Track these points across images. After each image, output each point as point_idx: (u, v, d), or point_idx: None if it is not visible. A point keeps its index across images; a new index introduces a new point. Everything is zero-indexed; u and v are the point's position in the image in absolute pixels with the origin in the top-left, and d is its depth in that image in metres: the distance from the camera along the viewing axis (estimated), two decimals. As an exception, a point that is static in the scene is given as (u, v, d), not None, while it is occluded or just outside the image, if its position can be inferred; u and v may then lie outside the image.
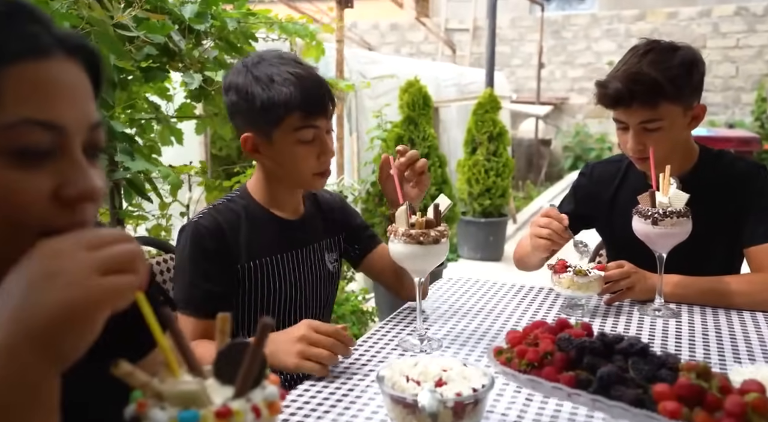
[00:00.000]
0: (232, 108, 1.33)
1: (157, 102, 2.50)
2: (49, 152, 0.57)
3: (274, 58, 1.32)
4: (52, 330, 0.51)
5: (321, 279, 1.47)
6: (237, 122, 1.35)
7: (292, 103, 1.26)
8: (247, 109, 1.29)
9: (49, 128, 0.57)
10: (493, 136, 5.14)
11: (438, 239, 1.24)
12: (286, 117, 1.27)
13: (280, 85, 1.27)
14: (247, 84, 1.28)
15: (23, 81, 0.56)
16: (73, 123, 0.59)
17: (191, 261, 1.28)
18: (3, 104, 0.55)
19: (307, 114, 1.29)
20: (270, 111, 1.27)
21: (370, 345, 1.33)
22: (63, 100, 0.59)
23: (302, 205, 1.46)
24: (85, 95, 0.62)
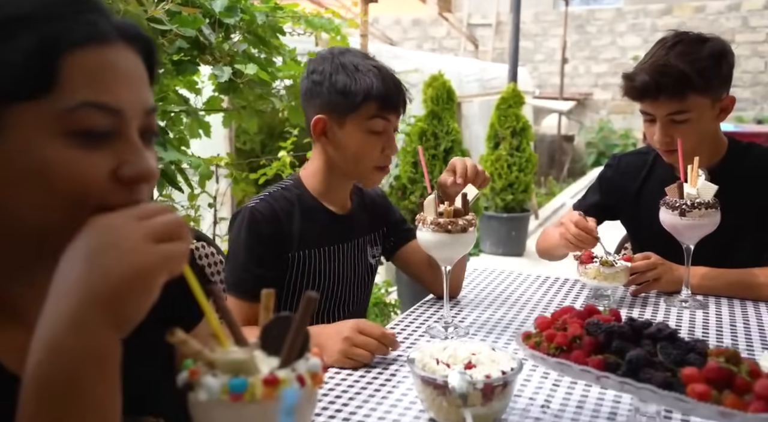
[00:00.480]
0: (311, 90, 1.37)
1: (186, 95, 2.55)
2: (108, 134, 0.60)
3: (360, 53, 1.41)
4: (116, 296, 0.54)
5: (362, 272, 1.51)
6: (312, 105, 1.38)
7: (372, 93, 1.32)
8: (328, 92, 1.34)
9: (108, 111, 0.60)
10: (516, 131, 5.12)
11: (466, 228, 1.26)
12: (363, 104, 1.32)
13: (364, 74, 1.33)
14: (332, 69, 1.34)
15: (85, 66, 0.59)
16: (131, 107, 0.62)
17: (245, 246, 1.32)
18: (66, 88, 0.58)
19: (383, 106, 1.34)
20: (350, 96, 1.32)
21: (397, 331, 1.35)
22: (121, 85, 0.62)
23: (349, 201, 1.49)
24: (142, 81, 0.65)
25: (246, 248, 1.33)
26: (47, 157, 0.58)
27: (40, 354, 0.53)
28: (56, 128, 0.58)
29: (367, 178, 1.42)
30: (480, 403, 0.94)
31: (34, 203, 0.59)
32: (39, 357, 0.52)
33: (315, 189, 1.43)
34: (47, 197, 0.59)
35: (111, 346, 0.55)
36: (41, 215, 0.59)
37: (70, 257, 0.56)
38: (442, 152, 3.58)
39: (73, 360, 0.53)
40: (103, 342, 0.54)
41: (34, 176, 0.58)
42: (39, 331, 0.54)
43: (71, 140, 0.58)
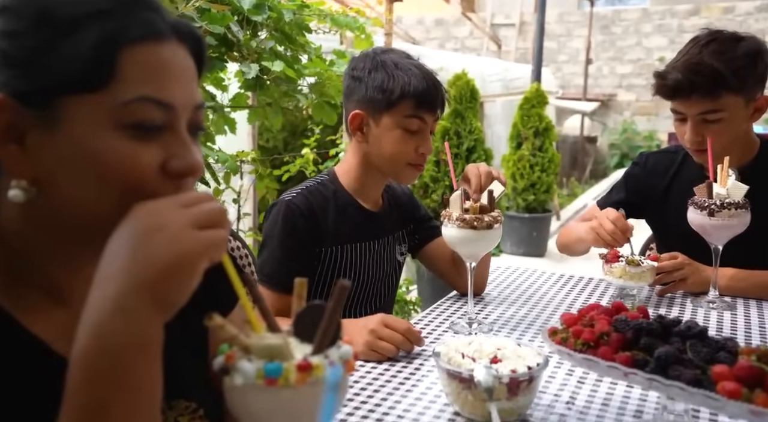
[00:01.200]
0: (350, 87, 1.40)
1: (212, 92, 2.58)
2: (159, 128, 0.62)
3: (401, 52, 1.43)
4: (161, 280, 0.55)
5: (390, 269, 1.52)
6: (351, 101, 1.40)
7: (409, 90, 1.33)
8: (366, 88, 1.36)
9: (162, 105, 0.62)
10: (539, 131, 5.09)
11: (491, 225, 1.26)
12: (400, 102, 1.33)
13: (402, 72, 1.34)
14: (372, 66, 1.36)
15: (141, 62, 0.61)
16: (181, 102, 0.64)
17: (280, 238, 1.34)
18: (122, 82, 0.60)
19: (419, 105, 1.35)
20: (387, 92, 1.34)
21: (421, 327, 1.36)
22: (174, 81, 0.63)
23: (381, 198, 1.50)
24: (192, 78, 0.67)
25: (280, 240, 1.35)
26: (102, 148, 0.60)
27: (87, 339, 0.54)
28: (112, 120, 0.60)
29: (401, 175, 1.43)
30: (505, 398, 0.94)
31: (86, 192, 0.61)
32: (85, 342, 0.54)
33: (349, 186, 1.44)
34: (100, 187, 0.60)
35: (155, 330, 0.56)
36: (93, 205, 0.61)
37: (115, 242, 0.57)
38: (464, 152, 3.58)
39: (119, 344, 0.54)
40: (147, 326, 0.55)
41: (88, 166, 0.60)
42: (85, 316, 0.55)
43: (125, 133, 0.60)
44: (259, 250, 1.40)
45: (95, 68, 0.59)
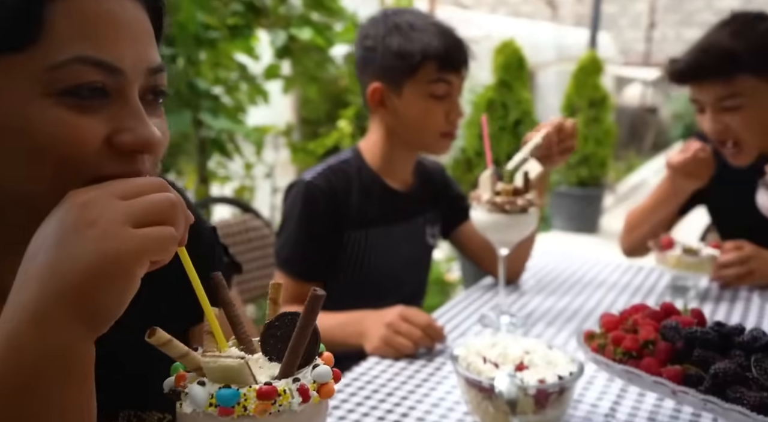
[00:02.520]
0: (364, 58, 1.27)
1: (245, 62, 2.49)
2: (103, 95, 0.53)
3: (416, 11, 1.29)
4: (85, 286, 0.46)
5: (419, 253, 1.40)
6: (367, 73, 1.27)
7: (430, 52, 1.20)
8: (382, 56, 1.23)
9: (104, 67, 0.52)
10: (594, 101, 4.81)
11: (526, 208, 1.12)
12: (421, 66, 1.21)
13: (420, 32, 1.21)
14: (386, 31, 1.23)
15: (77, 15, 0.51)
16: (131, 64, 0.54)
17: (299, 222, 1.24)
18: (55, 40, 0.50)
19: (443, 66, 1.22)
20: (406, 58, 1.21)
21: (448, 318, 1.24)
22: (121, 38, 0.54)
23: (412, 176, 1.38)
24: (144, 36, 0.57)
25: (299, 224, 1.25)
26: (33, 116, 0.51)
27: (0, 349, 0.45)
28: (45, 85, 0.51)
29: (433, 146, 1.30)
30: (531, 411, 0.82)
31: (18, 169, 0.52)
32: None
33: (375, 163, 1.32)
34: (33, 163, 0.52)
35: (79, 344, 0.47)
36: (26, 184, 0.52)
37: (39, 236, 0.48)
38: (511, 124, 3.38)
39: (34, 359, 0.45)
40: (69, 339, 0.46)
41: (18, 136, 0.51)
42: (0, 323, 0.46)
43: (62, 100, 0.51)
44: (277, 232, 1.31)
45: (19, 22, 0.49)
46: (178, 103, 1.76)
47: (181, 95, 1.80)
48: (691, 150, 1.40)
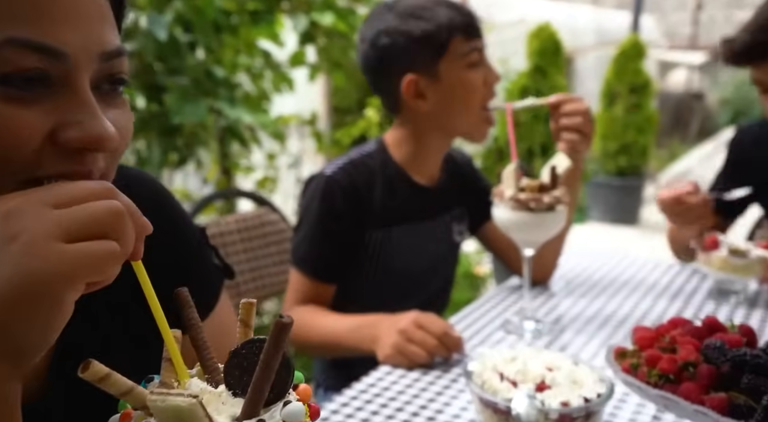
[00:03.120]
0: (386, 54, 1.17)
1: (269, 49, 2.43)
2: (45, 84, 0.46)
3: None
4: (5, 313, 0.39)
5: (445, 251, 1.32)
6: (391, 72, 1.18)
7: (453, 25, 1.14)
8: (405, 47, 1.15)
9: (42, 51, 0.45)
10: (635, 87, 4.60)
11: (553, 206, 1.03)
12: (450, 42, 1.14)
13: (433, 10, 1.14)
14: (398, 21, 1.15)
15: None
16: (79, 48, 0.47)
17: (317, 219, 1.17)
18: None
19: (469, 35, 1.16)
20: (432, 39, 1.14)
21: (469, 323, 1.16)
22: (62, 19, 0.47)
23: (439, 169, 1.29)
24: (96, 16, 0.49)
25: (317, 221, 1.17)
26: None
27: None
28: None
29: (477, 129, 1.21)
30: (553, 437, 0.73)
31: None
32: None
33: (401, 157, 1.23)
34: None
35: (3, 381, 0.40)
36: None
37: None
38: (544, 112, 3.24)
39: None
40: None
41: None
42: None
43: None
44: (294, 228, 1.24)
45: None
46: (195, 92, 1.71)
47: (198, 84, 1.74)
48: (677, 191, 1.25)
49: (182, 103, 1.68)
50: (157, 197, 0.70)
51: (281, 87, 2.44)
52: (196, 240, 0.72)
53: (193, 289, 0.47)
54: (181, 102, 1.68)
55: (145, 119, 1.74)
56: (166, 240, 0.67)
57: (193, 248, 0.71)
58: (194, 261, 0.70)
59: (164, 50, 1.68)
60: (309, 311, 1.15)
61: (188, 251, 0.70)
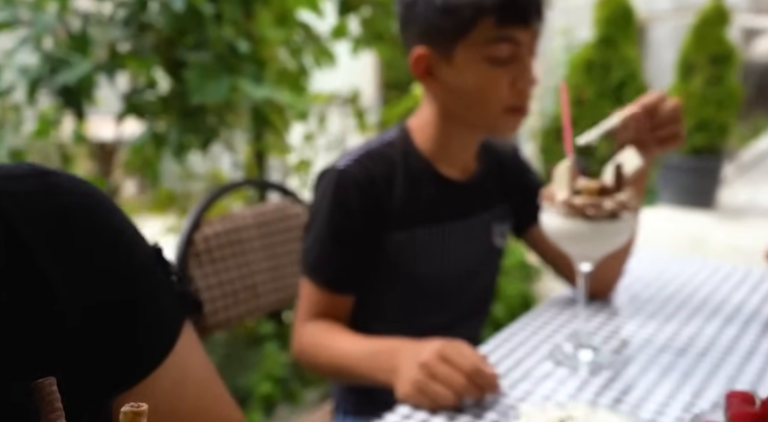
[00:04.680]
0: (404, 17, 0.99)
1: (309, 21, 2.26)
2: None
3: None
4: None
5: (484, 257, 1.12)
6: (408, 36, 1.00)
7: (485, 3, 0.91)
8: (425, 13, 0.95)
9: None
10: (716, 57, 4.17)
11: (616, 214, 0.81)
12: (475, 23, 0.92)
13: None
14: None
15: None
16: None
17: (329, 220, 1.00)
18: None
19: (504, 20, 0.92)
20: (454, 14, 0.92)
21: (509, 350, 0.96)
22: None
23: (475, 161, 1.09)
24: None
25: (329, 223, 1.00)
26: None
27: None
28: None
29: (496, 126, 1.00)
30: None
31: None
32: None
33: (426, 147, 1.04)
34: None
35: None
36: None
37: None
38: (613, 87, 2.93)
39: None
40: None
41: None
42: None
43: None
44: (305, 229, 1.07)
45: None
46: (218, 69, 1.56)
47: (221, 59, 1.59)
48: None
49: (203, 81, 1.54)
50: (90, 211, 0.54)
51: (322, 62, 2.27)
52: (147, 265, 0.55)
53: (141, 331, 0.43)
54: (202, 80, 1.54)
55: (165, 98, 1.60)
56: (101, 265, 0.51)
57: (142, 275, 0.55)
58: (143, 293, 0.54)
59: (182, 23, 1.53)
60: (321, 329, 0.99)
61: (134, 280, 0.54)
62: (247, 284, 1.29)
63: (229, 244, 1.27)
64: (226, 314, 1.24)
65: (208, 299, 1.21)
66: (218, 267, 1.24)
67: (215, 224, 1.25)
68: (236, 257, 1.28)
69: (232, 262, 1.27)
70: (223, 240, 1.25)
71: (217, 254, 1.24)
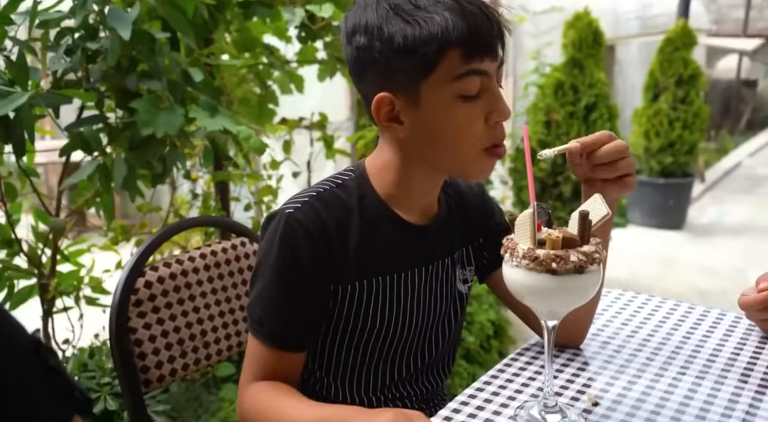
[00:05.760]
0: (357, 60, 0.89)
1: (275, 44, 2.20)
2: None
3: None
4: None
5: (447, 305, 1.05)
6: (365, 80, 0.90)
7: (450, 36, 0.82)
8: (383, 55, 0.85)
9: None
10: (682, 79, 4.22)
11: (583, 267, 0.76)
12: (440, 59, 0.84)
13: (429, 11, 0.83)
14: (380, 19, 0.85)
15: None
16: None
17: (275, 269, 0.92)
18: None
19: (471, 53, 0.84)
20: (417, 51, 0.84)
21: (479, 403, 0.90)
22: None
23: (437, 203, 1.02)
24: None
25: (275, 274, 0.92)
26: None
27: None
28: None
29: (472, 167, 0.92)
30: None
31: None
32: None
33: (385, 190, 0.96)
34: None
35: None
36: None
37: None
38: (582, 110, 2.92)
39: None
40: None
41: None
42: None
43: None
44: (250, 281, 0.99)
45: None
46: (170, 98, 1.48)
47: (175, 89, 1.52)
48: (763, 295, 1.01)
49: (154, 112, 1.46)
50: None
51: (289, 87, 2.21)
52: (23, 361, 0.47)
53: None
54: (153, 110, 1.46)
55: (113, 130, 1.52)
56: None
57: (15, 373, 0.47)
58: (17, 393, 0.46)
59: (130, 50, 1.46)
60: (267, 392, 0.91)
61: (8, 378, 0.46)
62: (195, 332, 1.21)
63: (175, 289, 1.18)
64: (171, 367, 1.15)
65: (150, 351, 1.12)
66: (163, 315, 1.15)
67: (160, 269, 1.17)
68: (183, 303, 1.19)
69: (179, 309, 1.18)
70: (168, 285, 1.17)
71: (161, 301, 1.15)
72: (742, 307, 1.06)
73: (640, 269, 3.92)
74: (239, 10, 1.82)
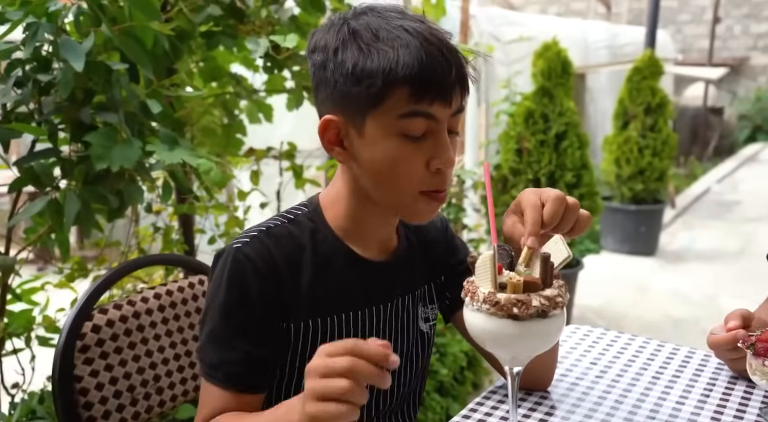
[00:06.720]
0: (314, 75, 0.88)
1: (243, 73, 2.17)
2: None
3: (390, 9, 0.86)
4: None
5: (409, 346, 1.00)
6: (320, 98, 0.89)
7: (396, 74, 0.80)
8: (334, 77, 0.83)
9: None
10: (650, 107, 4.29)
11: (546, 312, 0.72)
12: (387, 94, 0.81)
13: (386, 43, 0.81)
14: (339, 42, 0.83)
15: None
16: None
17: (223, 309, 0.87)
18: None
19: (419, 94, 0.81)
20: (365, 82, 0.81)
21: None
22: None
23: (396, 237, 0.98)
24: None
25: (225, 314, 0.87)
26: None
27: None
28: None
29: (409, 208, 0.88)
30: None
31: None
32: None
33: (339, 224, 0.93)
34: None
35: None
36: None
37: None
38: (552, 138, 2.93)
39: None
40: None
41: None
42: None
43: None
44: (199, 324, 0.93)
45: None
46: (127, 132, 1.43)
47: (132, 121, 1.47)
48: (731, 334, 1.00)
49: (109, 145, 1.40)
50: None
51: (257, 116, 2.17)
52: None
53: None
54: (108, 143, 1.40)
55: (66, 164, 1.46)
56: None
57: None
58: None
59: (85, 82, 1.41)
60: (227, 418, 0.85)
61: None
62: (147, 377, 1.14)
63: (126, 332, 1.12)
64: (120, 416, 1.08)
65: (97, 400, 1.05)
66: (112, 361, 1.09)
67: (110, 311, 1.11)
68: (135, 346, 1.13)
69: (130, 353, 1.12)
70: (118, 329, 1.11)
71: (110, 345, 1.09)
72: (711, 346, 1.04)
73: (613, 297, 3.92)
74: (202, 40, 1.78)
